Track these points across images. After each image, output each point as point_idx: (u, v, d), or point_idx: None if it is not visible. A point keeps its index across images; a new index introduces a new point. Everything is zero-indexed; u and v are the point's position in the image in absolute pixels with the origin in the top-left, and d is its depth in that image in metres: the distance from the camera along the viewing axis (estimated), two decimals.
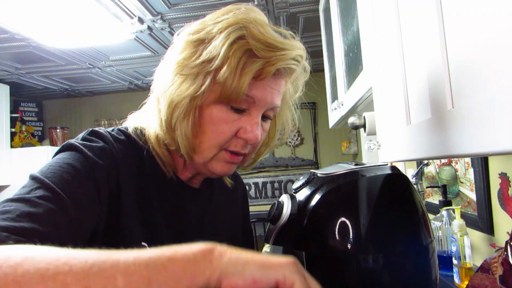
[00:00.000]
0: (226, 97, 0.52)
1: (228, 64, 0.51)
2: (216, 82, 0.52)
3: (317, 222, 0.57)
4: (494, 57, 0.31)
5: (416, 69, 0.53)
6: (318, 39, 2.65)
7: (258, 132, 0.55)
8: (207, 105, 0.54)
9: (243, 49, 0.51)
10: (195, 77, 0.53)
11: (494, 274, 0.69)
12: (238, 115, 0.55)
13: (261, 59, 0.51)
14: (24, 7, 1.82)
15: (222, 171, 0.58)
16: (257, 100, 0.54)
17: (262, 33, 0.52)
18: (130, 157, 0.56)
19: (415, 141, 0.54)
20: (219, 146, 0.55)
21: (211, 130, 0.54)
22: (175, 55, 0.56)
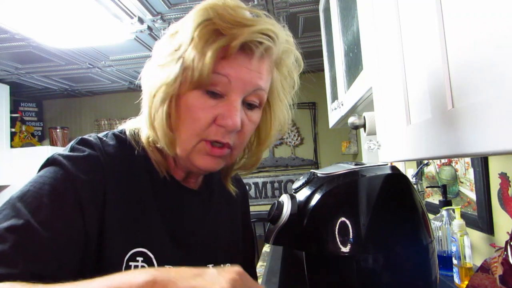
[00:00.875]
0: (198, 80, 0.50)
1: (193, 46, 0.50)
2: (186, 66, 0.50)
3: (317, 222, 0.57)
4: (494, 57, 0.31)
5: (416, 69, 0.53)
6: (318, 39, 2.65)
7: (238, 117, 0.51)
8: (183, 93, 0.52)
9: (209, 30, 0.50)
10: (169, 65, 0.52)
11: (494, 274, 0.69)
12: (215, 101, 0.52)
13: (226, 36, 0.49)
14: (24, 7, 1.82)
15: (205, 165, 0.55)
16: (233, 80, 0.51)
17: (230, 14, 0.50)
18: (122, 161, 0.55)
19: (415, 141, 0.54)
20: (196, 135, 0.52)
21: (188, 118, 0.52)
22: (157, 49, 0.56)
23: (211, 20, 0.50)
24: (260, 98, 0.55)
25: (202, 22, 0.50)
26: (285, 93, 0.61)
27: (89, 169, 0.51)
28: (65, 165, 0.50)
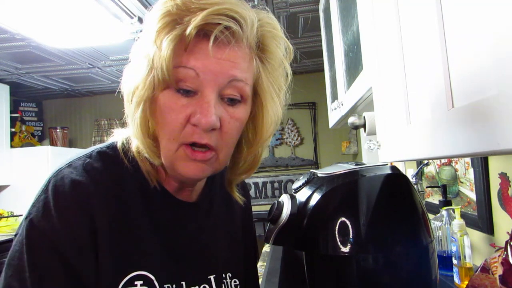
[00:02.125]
0: (163, 78, 0.45)
1: (153, 40, 0.46)
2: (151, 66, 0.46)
3: (317, 222, 0.57)
4: (494, 56, 0.31)
5: (416, 68, 0.53)
6: (318, 39, 2.65)
7: (211, 114, 0.46)
8: (157, 95, 0.47)
9: (166, 21, 0.45)
10: (138, 66, 0.48)
11: (494, 274, 0.69)
12: (188, 99, 0.47)
13: (181, 25, 0.45)
14: (24, 7, 1.82)
15: (189, 172, 0.50)
16: (201, 72, 0.46)
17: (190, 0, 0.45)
18: (110, 184, 0.51)
19: (415, 141, 0.54)
20: (173, 140, 0.48)
21: (163, 121, 0.48)
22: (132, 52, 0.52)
23: (169, 11, 0.45)
24: (240, 91, 0.49)
25: (160, 15, 0.46)
26: (275, 85, 0.54)
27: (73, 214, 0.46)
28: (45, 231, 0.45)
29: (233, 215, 0.68)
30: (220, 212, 0.65)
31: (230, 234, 0.66)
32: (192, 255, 0.57)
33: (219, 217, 0.64)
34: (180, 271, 0.54)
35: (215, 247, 0.61)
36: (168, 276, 0.52)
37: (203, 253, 0.59)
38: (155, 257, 0.52)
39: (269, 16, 0.52)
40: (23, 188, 3.06)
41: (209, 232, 0.61)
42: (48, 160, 3.09)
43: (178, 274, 0.54)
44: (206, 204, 0.63)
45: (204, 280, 0.57)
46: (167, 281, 0.52)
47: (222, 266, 0.61)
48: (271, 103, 0.53)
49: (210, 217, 0.63)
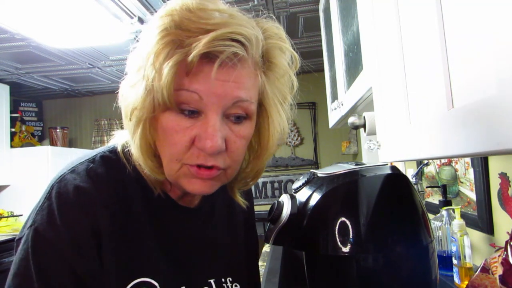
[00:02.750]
0: (163, 101, 0.43)
1: (152, 62, 0.43)
2: (149, 87, 0.44)
3: (317, 222, 0.57)
4: (494, 56, 0.31)
5: (416, 68, 0.53)
6: (318, 39, 2.65)
7: (217, 138, 0.44)
8: (158, 114, 0.46)
9: (166, 42, 0.43)
10: (135, 85, 0.47)
11: (494, 274, 0.69)
12: (192, 120, 0.45)
13: (183, 48, 0.43)
14: (24, 7, 1.82)
15: (197, 189, 0.49)
16: (204, 96, 0.44)
17: (190, 19, 0.43)
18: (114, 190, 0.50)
19: (415, 141, 0.54)
20: (176, 160, 0.47)
21: (165, 142, 0.47)
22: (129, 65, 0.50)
23: (168, 30, 0.43)
24: (245, 110, 0.48)
25: (158, 34, 0.44)
26: (280, 97, 0.54)
27: (75, 222, 0.46)
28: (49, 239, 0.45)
29: (235, 220, 0.68)
30: (222, 216, 0.65)
31: (232, 238, 0.66)
32: (193, 259, 0.57)
33: (220, 222, 0.64)
34: (181, 276, 0.54)
35: (216, 251, 0.61)
36: (170, 281, 0.52)
37: (203, 257, 0.59)
38: (158, 263, 0.52)
39: (275, 25, 0.51)
40: (23, 188, 3.05)
41: (211, 237, 0.61)
42: (48, 160, 3.09)
43: (179, 279, 0.54)
44: (208, 209, 0.62)
45: (204, 283, 0.57)
46: (169, 287, 0.52)
47: (222, 270, 0.61)
48: (276, 115, 0.53)
49: (212, 221, 0.63)
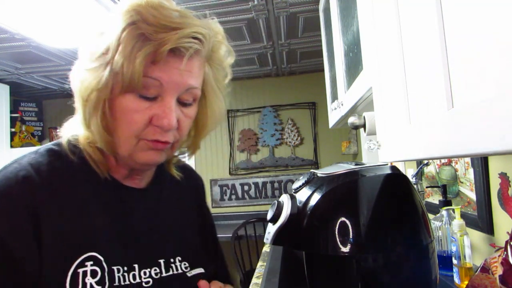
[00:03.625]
0: (128, 85, 0.51)
1: (120, 51, 0.50)
2: (115, 72, 0.51)
3: (317, 222, 0.57)
4: (494, 56, 0.31)
5: (416, 68, 0.53)
6: (318, 39, 2.65)
7: (173, 118, 0.53)
8: (116, 96, 0.53)
9: (134, 34, 0.50)
10: (98, 69, 0.52)
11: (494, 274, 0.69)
12: (150, 103, 0.53)
13: (153, 41, 0.50)
14: (24, 7, 1.82)
15: (149, 160, 0.56)
16: (165, 83, 0.52)
17: (155, 16, 0.51)
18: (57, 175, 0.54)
19: (415, 141, 0.54)
20: (135, 137, 0.54)
21: (124, 121, 0.53)
22: (84, 51, 0.55)
23: (135, 23, 0.50)
24: (193, 96, 0.57)
25: (127, 26, 0.50)
26: (219, 84, 0.64)
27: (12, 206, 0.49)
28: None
29: (185, 201, 0.71)
30: (171, 198, 0.68)
31: (182, 219, 0.69)
32: (143, 239, 0.60)
33: (169, 203, 0.67)
34: (131, 255, 0.57)
35: (165, 231, 0.64)
36: (118, 258, 0.55)
37: (153, 237, 0.62)
38: (104, 239, 0.55)
39: (217, 25, 0.60)
40: None
41: (159, 217, 0.64)
42: None
43: (129, 257, 0.57)
44: (155, 190, 0.66)
45: (154, 263, 0.60)
46: (117, 263, 0.55)
47: (172, 250, 0.63)
48: (215, 99, 0.63)
49: (160, 202, 0.66)
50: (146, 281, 0.57)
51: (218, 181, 3.85)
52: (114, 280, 0.53)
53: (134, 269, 0.56)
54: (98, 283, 0.51)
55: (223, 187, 3.84)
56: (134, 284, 0.55)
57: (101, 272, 0.52)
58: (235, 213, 3.79)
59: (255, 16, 2.26)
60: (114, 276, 0.54)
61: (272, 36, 2.66)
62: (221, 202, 3.84)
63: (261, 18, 2.30)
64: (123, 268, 0.55)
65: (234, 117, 3.89)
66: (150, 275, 0.58)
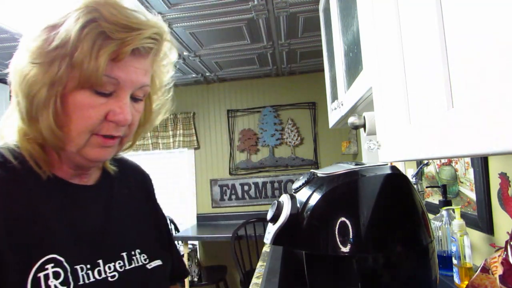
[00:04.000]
0: (87, 81, 0.51)
1: (81, 48, 0.50)
2: (73, 67, 0.50)
3: (317, 222, 0.57)
4: (494, 56, 0.31)
5: (416, 68, 0.53)
6: (318, 39, 2.65)
7: (128, 113, 0.55)
8: (69, 92, 0.52)
9: (96, 32, 0.50)
10: (50, 63, 0.51)
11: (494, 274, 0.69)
12: (105, 99, 0.54)
13: (115, 40, 0.51)
14: (24, 7, 1.82)
15: (98, 157, 0.56)
16: (122, 81, 0.54)
17: (115, 15, 0.51)
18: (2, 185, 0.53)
19: (415, 141, 0.54)
20: (88, 132, 0.54)
21: (78, 116, 0.53)
22: (29, 43, 0.53)
23: (96, 21, 0.50)
24: (145, 92, 0.59)
25: (87, 23, 0.50)
26: (161, 80, 0.65)
27: None
28: None
29: (135, 196, 0.72)
30: (122, 193, 0.69)
31: (135, 213, 0.70)
32: (101, 235, 0.60)
33: (121, 198, 0.68)
34: (93, 251, 0.57)
35: (122, 225, 0.65)
36: (79, 257, 0.55)
37: (111, 231, 0.62)
38: (62, 240, 0.54)
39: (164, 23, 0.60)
40: None
41: (114, 212, 0.65)
42: None
43: (92, 254, 0.57)
44: (106, 187, 0.66)
45: (117, 257, 0.60)
46: (79, 262, 0.54)
47: (131, 243, 0.64)
48: (158, 95, 0.66)
49: (113, 198, 0.66)
50: (111, 275, 0.57)
51: (218, 181, 3.85)
52: (78, 279, 0.53)
53: (99, 265, 0.57)
54: (62, 284, 0.51)
55: (223, 187, 3.84)
56: (100, 280, 0.56)
57: (64, 272, 0.52)
58: (235, 213, 3.79)
59: (255, 16, 2.26)
60: (78, 275, 0.53)
61: (272, 36, 2.66)
62: (221, 202, 3.84)
63: (261, 18, 2.30)
64: (86, 266, 0.55)
65: (234, 117, 3.89)
66: (115, 269, 0.58)
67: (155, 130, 3.92)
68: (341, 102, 1.44)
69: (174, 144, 3.89)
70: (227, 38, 2.63)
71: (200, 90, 3.99)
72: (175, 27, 2.34)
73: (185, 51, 2.86)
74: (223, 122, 3.91)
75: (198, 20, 2.27)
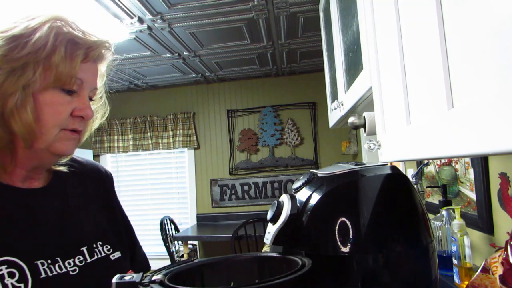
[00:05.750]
0: (59, 81, 0.59)
1: (58, 52, 0.58)
2: (48, 69, 0.58)
3: (317, 222, 0.57)
4: (494, 56, 0.31)
5: (416, 68, 0.53)
6: (318, 39, 2.65)
7: (91, 109, 0.64)
8: (39, 91, 0.59)
9: (66, 38, 0.60)
10: (23, 67, 0.57)
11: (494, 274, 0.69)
12: (70, 97, 0.62)
13: (83, 45, 0.61)
14: (24, 8, 1.82)
15: (66, 150, 0.63)
16: (85, 82, 0.63)
17: (76, 25, 0.63)
18: None
19: (415, 141, 0.54)
20: (58, 127, 0.61)
21: (48, 113, 0.60)
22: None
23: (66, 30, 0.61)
24: (95, 94, 0.69)
25: (59, 32, 0.60)
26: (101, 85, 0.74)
27: None
28: None
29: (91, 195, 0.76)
30: (77, 191, 0.73)
31: (91, 209, 0.73)
32: (58, 233, 0.64)
33: (77, 196, 0.72)
34: (50, 249, 0.61)
35: (80, 221, 0.69)
36: (37, 256, 0.59)
37: (69, 229, 0.66)
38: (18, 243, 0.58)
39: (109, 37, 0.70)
40: None
41: (70, 210, 0.69)
42: None
43: (49, 252, 0.61)
44: (59, 187, 0.70)
45: (77, 252, 0.64)
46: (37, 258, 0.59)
47: (90, 236, 0.68)
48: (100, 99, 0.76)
49: (68, 196, 0.70)
50: (72, 270, 0.62)
51: (218, 181, 3.85)
52: (40, 273, 0.57)
53: (58, 261, 0.61)
54: (19, 281, 0.55)
55: (223, 187, 3.84)
56: (62, 273, 0.60)
57: (19, 271, 0.56)
58: (235, 213, 3.79)
59: (255, 16, 2.26)
60: (39, 270, 0.58)
61: (272, 36, 2.66)
62: (221, 202, 3.84)
63: (261, 18, 2.30)
64: (47, 261, 0.59)
65: (234, 117, 3.90)
66: (75, 264, 0.63)
67: (155, 130, 3.93)
68: (341, 102, 1.44)
69: (174, 144, 3.89)
70: (227, 38, 2.63)
71: (200, 90, 3.98)
72: (175, 27, 2.34)
73: (185, 51, 2.86)
74: (223, 122, 3.91)
75: (198, 20, 2.27)
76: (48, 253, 0.60)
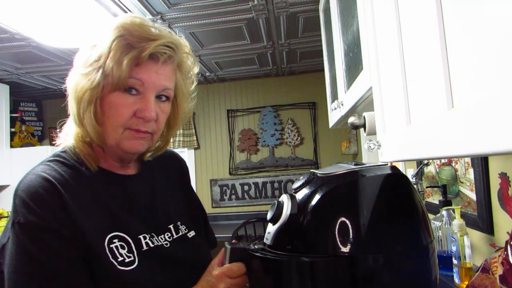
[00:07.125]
0: (117, 84, 0.64)
1: (111, 57, 0.63)
2: (106, 74, 0.63)
3: (317, 222, 0.57)
4: (494, 56, 0.31)
5: (416, 68, 0.53)
6: (318, 39, 2.65)
7: (153, 111, 0.66)
8: (106, 94, 0.65)
9: (122, 44, 0.64)
10: (90, 73, 0.65)
11: (494, 274, 0.69)
12: (134, 98, 0.66)
13: (137, 48, 0.64)
14: (24, 7, 1.82)
15: (132, 147, 0.68)
16: (145, 82, 0.66)
17: (138, 30, 0.65)
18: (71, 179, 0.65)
19: (415, 141, 0.54)
20: (121, 126, 0.66)
21: (113, 114, 0.66)
22: (78, 60, 0.68)
23: (123, 36, 0.64)
24: (168, 94, 0.71)
25: (116, 38, 0.64)
26: (187, 89, 0.78)
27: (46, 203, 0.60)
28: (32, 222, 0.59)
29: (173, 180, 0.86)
30: (161, 179, 0.83)
31: (173, 194, 0.84)
32: (152, 213, 0.75)
33: (162, 182, 0.82)
34: (145, 226, 0.72)
35: (166, 204, 0.80)
36: (137, 231, 0.69)
37: (158, 210, 0.77)
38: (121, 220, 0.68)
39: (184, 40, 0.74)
40: None
41: (158, 193, 0.79)
42: None
43: (145, 229, 0.71)
44: (148, 174, 0.80)
45: (166, 229, 0.76)
46: (140, 234, 0.69)
47: (174, 217, 0.79)
48: (184, 101, 0.78)
49: (155, 182, 0.81)
50: (165, 243, 0.73)
51: (218, 181, 3.85)
52: (142, 247, 0.68)
53: (154, 236, 0.71)
54: (128, 252, 0.66)
55: (223, 187, 3.84)
56: (159, 245, 0.71)
57: (127, 244, 0.66)
58: (235, 213, 3.79)
59: (255, 16, 2.26)
60: (141, 243, 0.68)
61: (272, 36, 2.66)
62: (221, 202, 3.84)
63: (261, 18, 2.30)
64: (147, 236, 0.70)
65: (234, 117, 3.89)
66: (165, 239, 0.74)
67: None
68: (341, 102, 1.44)
69: (174, 144, 3.89)
70: (227, 38, 2.63)
71: (200, 90, 3.96)
72: (175, 27, 2.34)
73: None
74: (223, 122, 3.91)
75: (198, 20, 2.27)
76: (146, 229, 0.71)
